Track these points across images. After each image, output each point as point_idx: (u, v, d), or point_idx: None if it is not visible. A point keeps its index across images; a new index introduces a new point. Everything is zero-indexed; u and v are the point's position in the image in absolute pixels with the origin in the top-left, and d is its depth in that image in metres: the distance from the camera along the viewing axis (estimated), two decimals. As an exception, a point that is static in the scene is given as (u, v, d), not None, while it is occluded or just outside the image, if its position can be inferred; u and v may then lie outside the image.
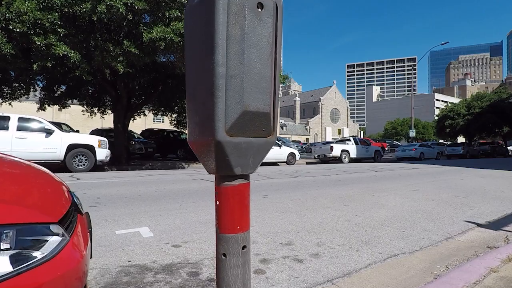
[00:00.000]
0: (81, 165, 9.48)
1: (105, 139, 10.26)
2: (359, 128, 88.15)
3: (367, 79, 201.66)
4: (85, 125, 34.23)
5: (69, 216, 1.31)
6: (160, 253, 2.48)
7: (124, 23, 8.88)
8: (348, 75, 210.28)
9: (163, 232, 3.01)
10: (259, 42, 0.87)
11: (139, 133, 20.26)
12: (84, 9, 8.01)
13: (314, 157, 18.60)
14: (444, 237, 3.22)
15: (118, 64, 8.90)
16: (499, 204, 5.02)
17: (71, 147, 9.36)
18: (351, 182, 7.39)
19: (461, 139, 44.71)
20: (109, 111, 15.48)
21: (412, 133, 26.93)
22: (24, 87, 12.39)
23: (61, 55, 8.33)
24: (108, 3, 7.82)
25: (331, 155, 16.93)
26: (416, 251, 2.79)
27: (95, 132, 16.47)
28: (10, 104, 13.01)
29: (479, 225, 3.75)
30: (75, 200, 1.56)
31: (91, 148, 9.67)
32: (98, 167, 10.10)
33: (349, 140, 18.67)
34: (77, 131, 17.31)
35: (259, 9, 0.86)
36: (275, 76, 0.93)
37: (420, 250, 2.81)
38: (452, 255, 2.74)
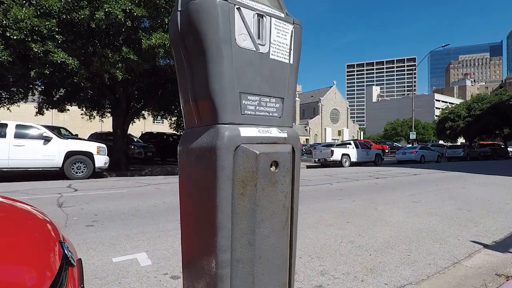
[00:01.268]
0: (79, 173, 9.38)
1: (104, 145, 10.17)
2: (359, 128, 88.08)
3: (367, 79, 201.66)
4: (84, 127, 34.05)
5: (59, 277, 1.20)
6: (158, 286, 2.39)
7: (123, 29, 8.78)
8: (348, 75, 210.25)
9: (161, 259, 2.91)
10: (274, 213, 0.70)
11: (138, 136, 20.18)
12: (82, 16, 7.92)
13: (315, 160, 18.52)
14: (450, 262, 3.13)
15: (117, 71, 8.80)
16: (504, 219, 4.93)
17: (69, 154, 9.26)
18: (353, 192, 7.30)
19: (461, 140, 44.67)
20: (108, 114, 15.38)
21: (413, 136, 26.88)
22: (22, 91, 12.28)
23: (59, 61, 8.24)
24: (106, 10, 7.72)
25: (331, 159, 16.86)
26: (423, 280, 2.70)
27: (94, 136, 16.38)
28: (8, 109, 12.90)
29: (485, 246, 3.65)
30: (66, 252, 1.46)
31: (89, 155, 9.58)
32: (97, 173, 10.01)
33: (349, 143, 18.61)
34: (76, 135, 17.24)
35: (273, 168, 0.69)
36: (291, 239, 0.77)
37: (427, 280, 2.71)
38: (460, 285, 2.65)
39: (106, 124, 27.05)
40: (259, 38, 0.75)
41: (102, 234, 3.59)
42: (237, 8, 0.75)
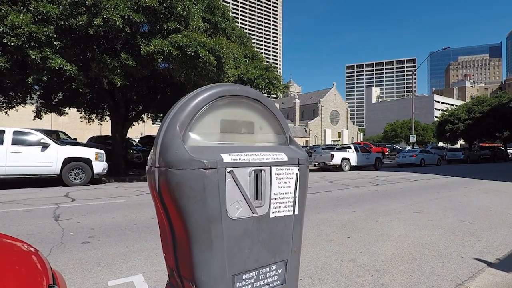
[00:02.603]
0: (77, 179, 9.31)
1: (102, 151, 10.09)
2: (359, 130, 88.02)
3: (367, 80, 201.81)
4: (84, 129, 33.94)
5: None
6: (154, 315, 2.31)
7: (122, 35, 8.71)
8: (347, 76, 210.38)
9: (158, 282, 2.84)
10: None
11: (138, 139, 20.09)
12: (80, 22, 7.84)
13: (315, 164, 18.45)
14: (454, 284, 3.05)
15: (116, 77, 8.73)
16: (506, 232, 4.87)
17: (67, 161, 9.19)
18: (353, 202, 7.23)
19: (460, 141, 44.65)
20: (108, 118, 15.29)
21: (413, 139, 26.83)
22: (21, 96, 12.19)
23: (57, 68, 8.17)
24: (104, 16, 7.65)
25: (331, 163, 16.80)
26: (427, 306, 2.63)
27: (93, 139, 16.29)
28: (6, 113, 12.81)
29: (489, 264, 3.58)
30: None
31: (87, 161, 9.50)
32: (95, 179, 9.93)
33: (349, 147, 18.54)
34: (75, 139, 17.15)
35: None
36: None
37: (430, 305, 2.64)
38: (465, 311, 2.58)
39: (105, 127, 26.96)
40: (256, 199, 0.66)
41: (98, 253, 3.51)
42: (228, 172, 0.65)
